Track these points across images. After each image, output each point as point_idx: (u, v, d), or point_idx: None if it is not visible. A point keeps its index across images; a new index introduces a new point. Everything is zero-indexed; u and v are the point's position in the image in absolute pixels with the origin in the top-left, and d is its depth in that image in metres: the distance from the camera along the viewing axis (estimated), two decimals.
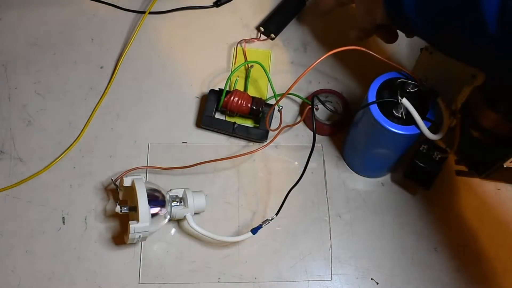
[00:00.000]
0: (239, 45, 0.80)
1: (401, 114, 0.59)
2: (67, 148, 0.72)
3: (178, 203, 0.65)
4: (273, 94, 0.73)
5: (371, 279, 0.67)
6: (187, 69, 0.79)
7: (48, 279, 0.65)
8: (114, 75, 0.77)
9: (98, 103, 0.75)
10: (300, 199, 0.70)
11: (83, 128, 0.74)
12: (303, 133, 0.75)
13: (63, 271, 0.66)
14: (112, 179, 0.68)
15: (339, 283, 0.66)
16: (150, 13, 0.82)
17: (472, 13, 0.48)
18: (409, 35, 0.67)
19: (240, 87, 0.76)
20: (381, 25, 0.64)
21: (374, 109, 0.59)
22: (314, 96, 0.72)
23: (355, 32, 0.70)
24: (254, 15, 0.84)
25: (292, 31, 0.83)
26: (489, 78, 0.59)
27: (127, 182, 0.64)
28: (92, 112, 0.75)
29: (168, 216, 0.64)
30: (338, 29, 0.83)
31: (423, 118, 0.58)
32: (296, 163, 0.73)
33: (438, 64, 0.66)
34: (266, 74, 0.73)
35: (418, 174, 0.65)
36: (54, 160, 0.71)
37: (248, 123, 0.75)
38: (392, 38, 0.69)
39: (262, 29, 0.82)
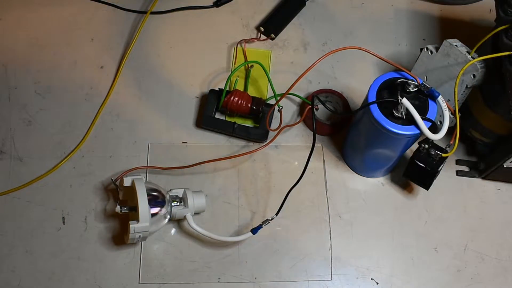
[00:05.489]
0: (239, 45, 0.80)
1: (401, 114, 0.59)
2: (71, 152, 0.72)
3: (178, 203, 0.65)
4: (273, 94, 0.73)
5: (371, 279, 0.67)
6: (187, 69, 0.79)
7: (48, 279, 0.65)
8: (118, 75, 0.77)
9: (100, 103, 0.75)
10: (300, 199, 0.70)
11: (87, 131, 0.73)
12: (303, 133, 0.75)
13: (63, 271, 0.66)
14: (112, 179, 0.68)
15: (339, 283, 0.66)
16: (151, 13, 0.82)
17: None
18: None
19: (240, 87, 0.76)
20: None
21: (374, 109, 0.59)
22: (314, 96, 0.72)
23: None
24: (254, 15, 0.84)
25: (292, 31, 0.83)
26: None
27: (127, 182, 0.64)
28: (97, 115, 0.75)
29: (168, 216, 0.64)
30: (338, 29, 0.83)
31: (423, 118, 0.58)
32: (296, 163, 0.73)
33: (438, 64, 0.66)
34: (266, 74, 0.73)
35: (418, 174, 0.65)
36: (57, 164, 0.71)
37: (248, 123, 0.75)
38: None
39: (262, 29, 0.82)
